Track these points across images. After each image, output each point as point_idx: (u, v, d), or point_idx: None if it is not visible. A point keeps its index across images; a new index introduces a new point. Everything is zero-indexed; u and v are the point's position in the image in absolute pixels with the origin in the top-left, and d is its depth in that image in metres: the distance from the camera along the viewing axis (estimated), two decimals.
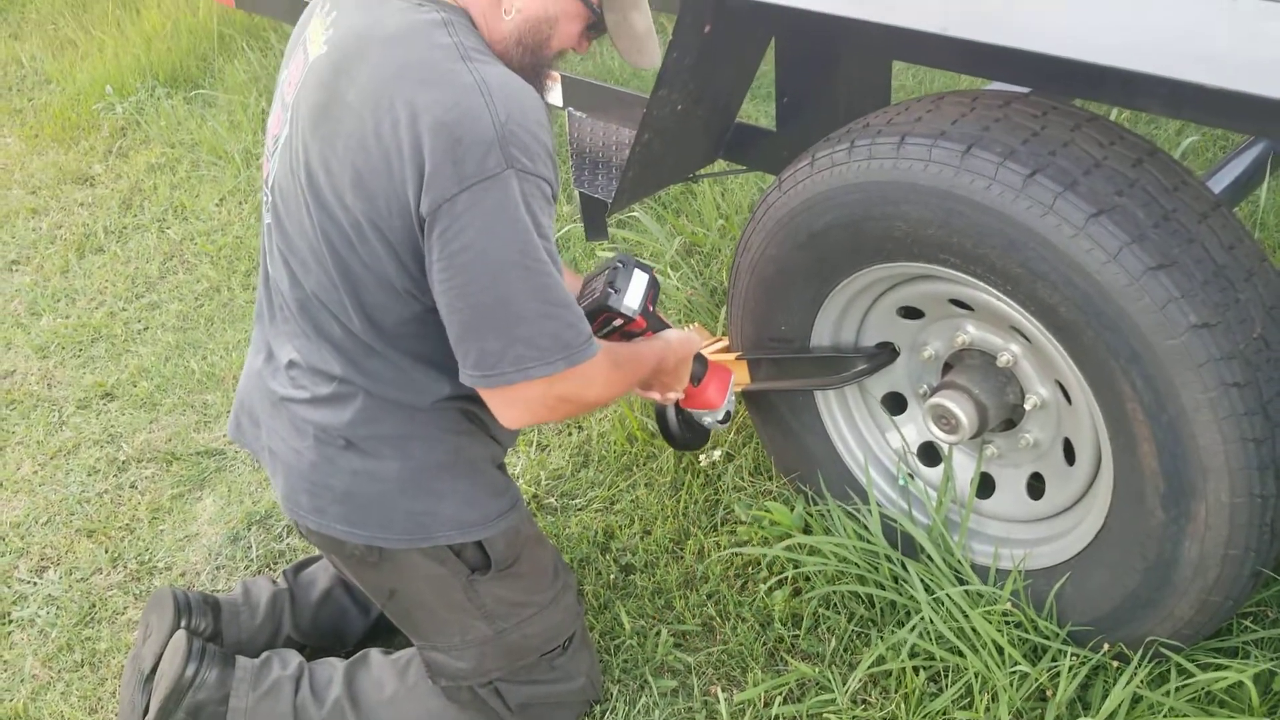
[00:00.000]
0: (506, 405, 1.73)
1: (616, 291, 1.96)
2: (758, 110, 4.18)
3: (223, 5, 4.46)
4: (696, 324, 2.64)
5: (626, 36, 1.82)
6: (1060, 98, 1.99)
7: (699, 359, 2.19)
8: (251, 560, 2.68)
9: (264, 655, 2.14)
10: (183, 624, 2.15)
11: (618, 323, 1.99)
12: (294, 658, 2.14)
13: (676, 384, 2.13)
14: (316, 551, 2.47)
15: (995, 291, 1.87)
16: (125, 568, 2.70)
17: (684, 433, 2.32)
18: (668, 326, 2.09)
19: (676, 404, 2.28)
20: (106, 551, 2.74)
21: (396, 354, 1.81)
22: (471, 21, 1.74)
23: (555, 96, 3.00)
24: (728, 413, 2.27)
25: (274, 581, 2.35)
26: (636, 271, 2.00)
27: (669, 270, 3.27)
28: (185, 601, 2.19)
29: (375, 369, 1.83)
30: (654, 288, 2.02)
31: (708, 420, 2.27)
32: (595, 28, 1.81)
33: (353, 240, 1.71)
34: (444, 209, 1.59)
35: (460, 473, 1.92)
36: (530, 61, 1.79)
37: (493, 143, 1.58)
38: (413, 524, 1.89)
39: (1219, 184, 2.52)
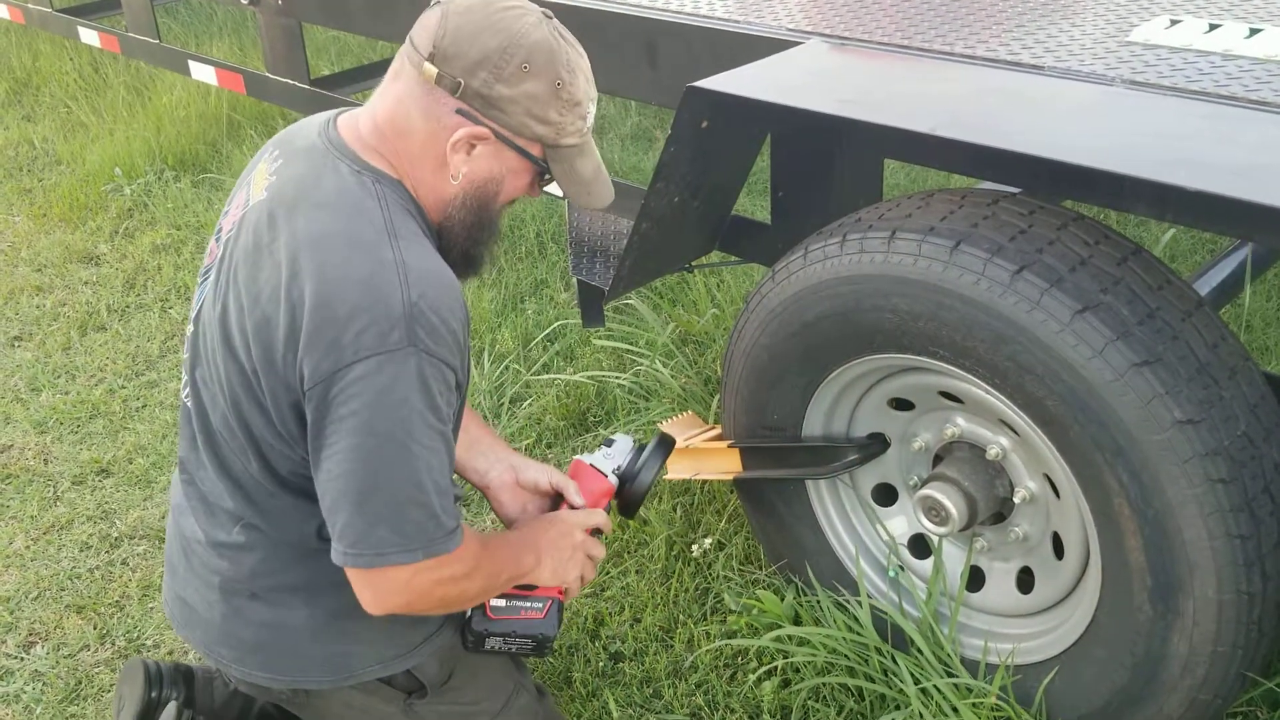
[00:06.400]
0: (366, 588, 1.66)
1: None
2: (754, 205, 4.26)
3: (234, 91, 4.55)
4: (689, 412, 2.66)
5: (574, 184, 1.80)
6: (1048, 198, 2.04)
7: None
8: None
9: None
10: (153, 694, 2.13)
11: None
12: None
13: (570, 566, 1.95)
14: None
15: (983, 384, 1.90)
16: (113, 644, 2.68)
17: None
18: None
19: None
20: (95, 628, 2.73)
21: (292, 496, 1.77)
22: (409, 194, 1.73)
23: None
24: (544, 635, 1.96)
25: None
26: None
27: (664, 358, 3.31)
28: (157, 671, 2.17)
29: (272, 510, 1.79)
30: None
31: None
32: (545, 176, 1.80)
33: (250, 383, 1.69)
34: (337, 375, 1.56)
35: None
36: (475, 219, 1.77)
37: (399, 319, 1.56)
38: (332, 666, 1.85)
39: (1205, 285, 2.56)
